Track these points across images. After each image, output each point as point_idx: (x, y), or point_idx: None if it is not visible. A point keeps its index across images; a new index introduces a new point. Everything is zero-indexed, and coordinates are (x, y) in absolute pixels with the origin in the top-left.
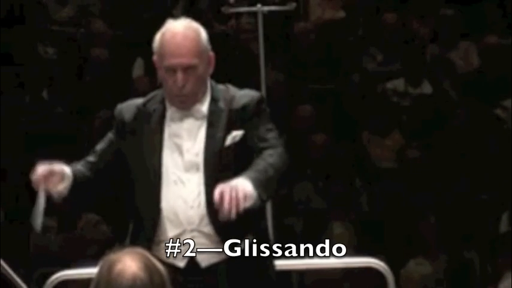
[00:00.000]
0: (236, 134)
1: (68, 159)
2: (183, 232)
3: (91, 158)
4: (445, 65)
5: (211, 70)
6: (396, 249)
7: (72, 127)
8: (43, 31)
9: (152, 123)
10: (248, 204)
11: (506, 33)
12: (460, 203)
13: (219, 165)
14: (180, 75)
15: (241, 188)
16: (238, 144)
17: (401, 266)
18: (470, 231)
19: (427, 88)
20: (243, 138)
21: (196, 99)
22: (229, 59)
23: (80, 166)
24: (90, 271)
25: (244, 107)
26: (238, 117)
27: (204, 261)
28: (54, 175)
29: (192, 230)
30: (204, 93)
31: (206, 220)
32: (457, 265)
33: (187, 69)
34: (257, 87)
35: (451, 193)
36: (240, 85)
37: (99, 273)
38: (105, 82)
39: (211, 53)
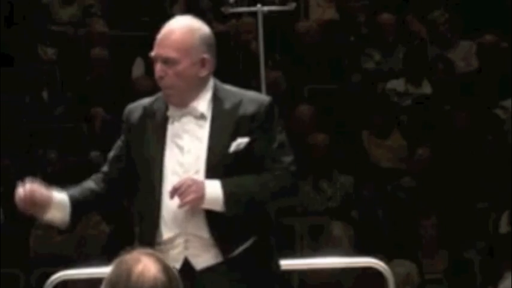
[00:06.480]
0: (241, 142)
1: (68, 159)
2: (179, 234)
3: (104, 168)
4: (445, 65)
5: (204, 72)
6: (396, 249)
7: (72, 127)
8: (43, 31)
9: (156, 123)
10: (199, 206)
11: (506, 33)
12: (460, 203)
13: (220, 170)
14: (158, 66)
15: (200, 192)
16: (241, 152)
17: (401, 265)
18: (470, 231)
19: (427, 88)
20: (248, 146)
21: (184, 96)
22: (229, 59)
23: (89, 183)
24: (90, 271)
25: (253, 116)
26: (246, 124)
27: (198, 264)
28: (37, 204)
29: (187, 233)
30: (199, 92)
31: (202, 223)
32: (457, 265)
33: (166, 62)
34: (257, 87)
35: (451, 193)
36: (240, 85)
37: (116, 274)
38: (105, 82)
39: (207, 56)
